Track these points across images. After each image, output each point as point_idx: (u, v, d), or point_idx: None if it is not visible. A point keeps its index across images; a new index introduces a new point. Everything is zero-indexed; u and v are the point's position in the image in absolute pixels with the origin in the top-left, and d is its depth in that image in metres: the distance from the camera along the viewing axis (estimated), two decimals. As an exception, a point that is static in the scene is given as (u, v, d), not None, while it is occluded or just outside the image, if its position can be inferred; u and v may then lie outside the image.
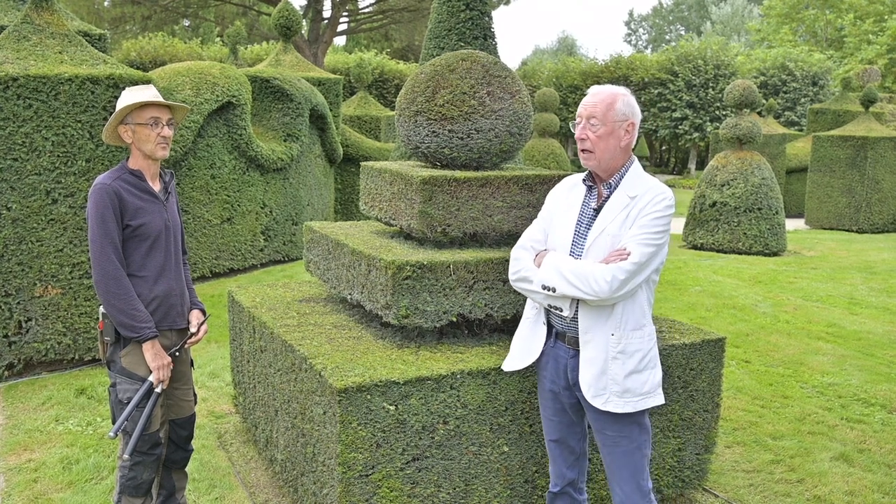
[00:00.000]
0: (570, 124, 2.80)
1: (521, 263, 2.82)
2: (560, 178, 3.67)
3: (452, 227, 3.48)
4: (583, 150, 2.73)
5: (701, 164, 32.25)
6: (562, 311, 2.72)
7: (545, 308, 2.82)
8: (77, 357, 5.41)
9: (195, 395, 3.34)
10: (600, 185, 2.78)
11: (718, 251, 12.07)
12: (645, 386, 2.71)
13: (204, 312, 3.30)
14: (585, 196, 2.81)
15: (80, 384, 5.07)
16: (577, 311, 2.71)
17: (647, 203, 2.65)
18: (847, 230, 15.85)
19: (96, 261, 2.88)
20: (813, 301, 8.47)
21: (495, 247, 3.58)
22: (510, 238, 3.70)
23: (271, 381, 3.74)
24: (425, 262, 3.22)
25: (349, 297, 3.63)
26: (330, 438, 2.97)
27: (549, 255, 2.74)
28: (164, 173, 3.16)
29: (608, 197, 2.74)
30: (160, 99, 2.98)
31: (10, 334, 5.19)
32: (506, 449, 3.21)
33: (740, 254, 11.88)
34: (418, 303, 3.23)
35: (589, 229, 2.73)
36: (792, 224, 16.58)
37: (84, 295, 5.33)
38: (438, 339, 3.43)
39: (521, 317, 3.52)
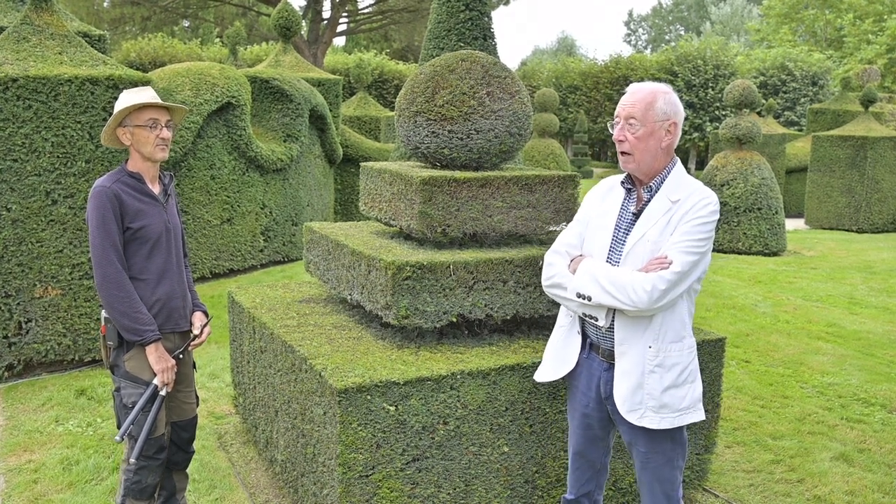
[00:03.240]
0: (609, 124, 2.67)
1: (555, 269, 2.70)
2: (559, 178, 3.68)
3: (452, 228, 3.48)
4: (622, 153, 2.58)
5: (700, 165, 32.26)
6: (597, 320, 2.60)
7: (580, 317, 2.71)
8: (77, 358, 5.41)
9: (197, 397, 3.34)
10: (640, 188, 2.64)
11: (718, 251, 12.07)
12: (683, 401, 2.58)
13: (206, 314, 3.30)
14: (624, 199, 2.67)
15: (80, 385, 5.07)
16: (613, 320, 2.59)
17: (690, 208, 2.51)
18: (847, 230, 15.85)
19: (98, 264, 2.86)
20: (813, 301, 8.48)
21: (495, 247, 3.58)
22: (510, 238, 3.70)
23: (271, 381, 3.74)
24: (425, 263, 3.22)
25: (349, 297, 3.63)
26: (330, 439, 2.97)
27: (585, 262, 2.61)
28: (164, 175, 3.14)
29: (648, 201, 2.60)
30: (158, 100, 2.97)
31: (9, 335, 5.19)
32: (506, 449, 3.21)
33: (740, 254, 11.89)
34: (418, 303, 3.23)
35: (628, 235, 2.59)
36: (792, 224, 16.58)
37: (84, 296, 5.33)
38: (438, 340, 3.43)
39: (521, 318, 3.54)
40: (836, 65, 34.37)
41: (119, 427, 2.99)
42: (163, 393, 2.98)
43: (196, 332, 3.19)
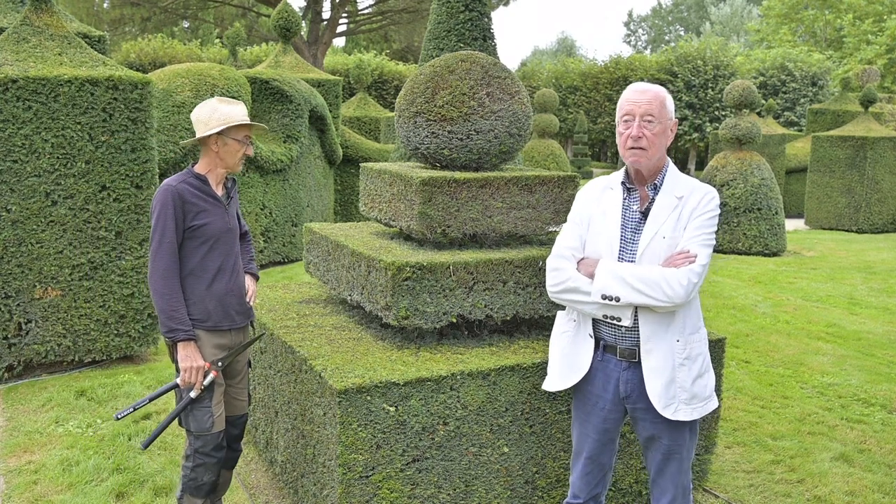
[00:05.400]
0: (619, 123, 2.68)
1: (567, 273, 2.67)
2: (559, 178, 3.68)
3: (452, 228, 3.48)
4: (636, 149, 2.59)
5: (700, 165, 32.27)
6: (620, 320, 2.60)
7: (592, 320, 2.70)
8: (77, 359, 5.41)
9: (249, 395, 3.39)
10: (643, 186, 2.67)
11: (718, 251, 12.07)
12: (706, 390, 2.66)
13: (256, 277, 3.42)
14: (625, 199, 2.69)
15: (80, 386, 5.07)
16: (635, 319, 2.60)
17: (697, 203, 2.59)
18: (847, 230, 15.86)
19: (152, 257, 2.99)
20: (813, 301, 8.48)
21: (495, 248, 3.58)
22: (510, 239, 3.70)
23: (271, 382, 3.74)
24: (425, 263, 3.22)
25: (349, 298, 3.63)
26: (330, 440, 2.97)
27: (604, 263, 2.60)
28: (227, 180, 3.25)
29: (654, 199, 2.64)
30: (260, 125, 3.19)
31: (9, 336, 5.19)
32: (506, 450, 3.21)
33: (740, 254, 11.89)
34: (418, 304, 3.23)
35: (638, 234, 2.62)
36: (792, 224, 16.59)
37: (84, 297, 5.33)
38: (438, 340, 3.43)
39: (521, 318, 3.54)
40: (835, 65, 34.38)
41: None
42: (192, 394, 3.01)
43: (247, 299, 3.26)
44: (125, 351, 5.55)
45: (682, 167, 33.80)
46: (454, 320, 3.33)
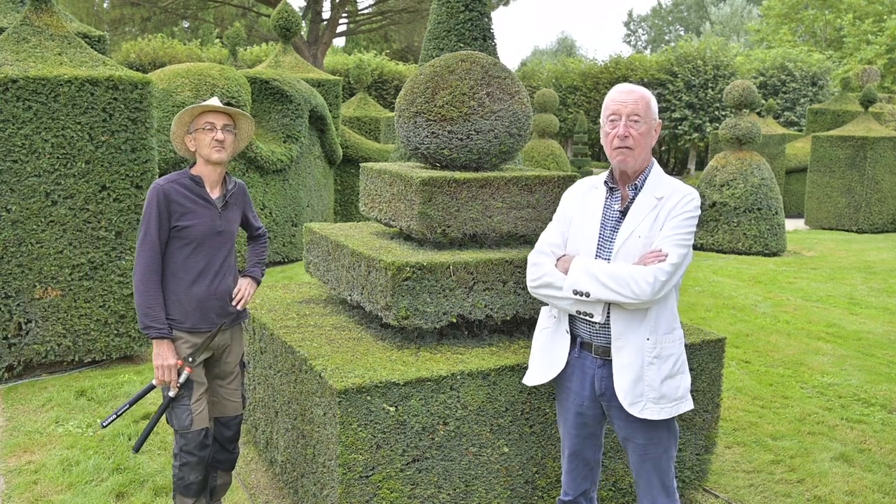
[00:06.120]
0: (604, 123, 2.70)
1: (544, 269, 2.72)
2: (560, 178, 3.68)
3: (452, 228, 3.48)
4: (623, 148, 2.62)
5: (700, 165, 32.25)
6: (592, 316, 2.63)
7: (568, 316, 2.74)
8: (77, 359, 5.41)
9: (244, 397, 3.37)
10: (624, 186, 2.71)
11: (718, 251, 12.07)
12: (678, 391, 2.66)
13: (256, 281, 3.30)
14: (607, 198, 2.73)
15: (80, 386, 5.07)
16: (607, 316, 2.64)
17: (675, 204, 2.61)
18: (847, 230, 15.86)
19: (136, 255, 3.02)
20: (813, 301, 8.48)
21: (495, 248, 3.58)
22: (510, 239, 3.70)
23: (271, 382, 3.74)
24: (425, 263, 3.22)
25: (349, 298, 3.63)
26: (330, 440, 2.97)
27: (578, 259, 2.65)
28: (229, 181, 3.20)
29: (633, 198, 2.67)
30: (216, 105, 3.08)
31: (9, 336, 5.19)
32: (506, 450, 3.21)
33: (740, 254, 11.89)
34: (418, 304, 3.23)
35: (615, 232, 2.65)
36: (792, 224, 16.59)
37: (84, 297, 5.33)
38: (438, 340, 3.43)
39: (521, 318, 3.54)
40: (835, 65, 34.38)
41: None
42: (171, 393, 3.02)
43: (234, 302, 3.18)
44: (125, 351, 5.55)
45: (682, 167, 33.79)
46: (454, 320, 3.33)
